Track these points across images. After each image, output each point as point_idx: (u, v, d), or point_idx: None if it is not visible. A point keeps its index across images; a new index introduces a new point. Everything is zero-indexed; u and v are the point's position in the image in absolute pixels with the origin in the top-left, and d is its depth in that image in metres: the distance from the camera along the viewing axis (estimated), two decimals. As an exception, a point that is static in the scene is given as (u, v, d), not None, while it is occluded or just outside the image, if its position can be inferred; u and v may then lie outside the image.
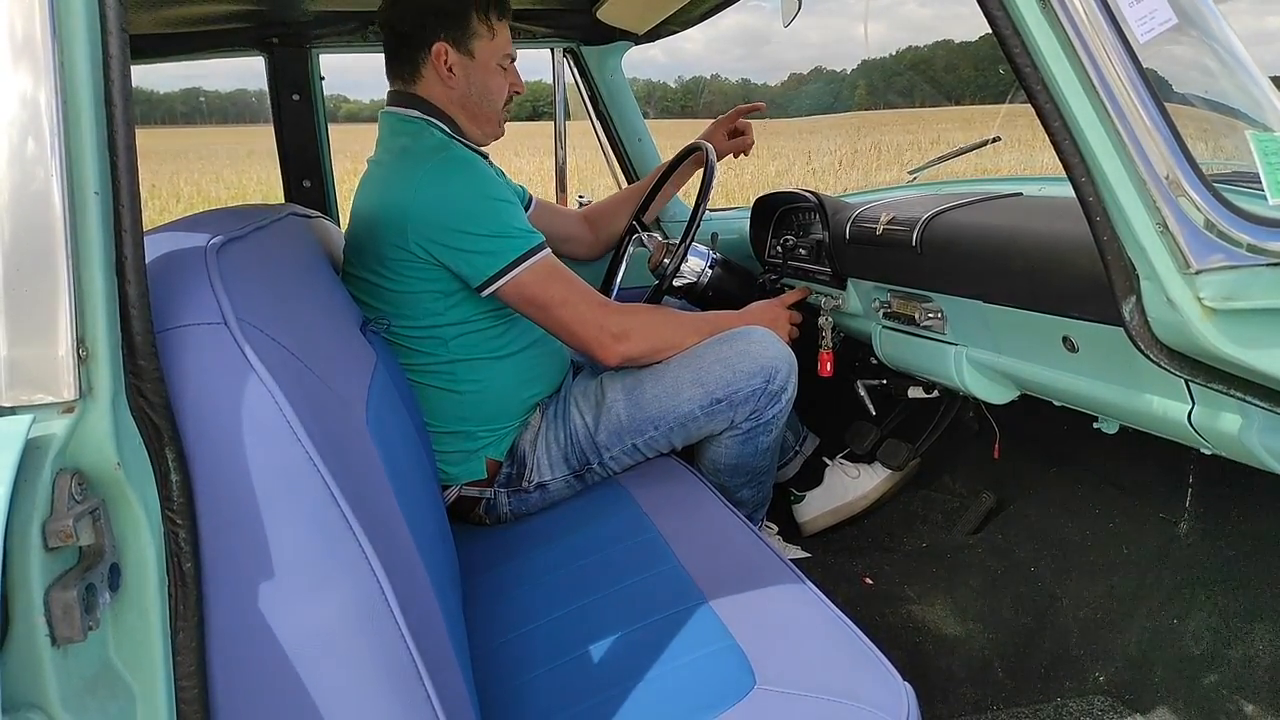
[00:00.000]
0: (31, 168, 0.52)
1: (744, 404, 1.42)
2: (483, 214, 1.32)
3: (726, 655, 0.93)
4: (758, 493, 1.60)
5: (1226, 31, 0.74)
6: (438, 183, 1.32)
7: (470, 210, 1.31)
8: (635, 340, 1.41)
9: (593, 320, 1.38)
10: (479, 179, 1.35)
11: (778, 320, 1.57)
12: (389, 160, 1.42)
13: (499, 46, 1.46)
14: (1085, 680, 1.40)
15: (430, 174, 1.32)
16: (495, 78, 1.47)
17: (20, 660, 0.47)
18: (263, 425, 0.63)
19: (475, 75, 1.45)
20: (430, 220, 1.30)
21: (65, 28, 0.53)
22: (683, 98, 47.84)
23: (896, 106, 21.51)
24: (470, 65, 1.45)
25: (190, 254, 0.73)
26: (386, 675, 0.64)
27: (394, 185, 1.35)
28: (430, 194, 1.31)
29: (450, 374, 1.41)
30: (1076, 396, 1.25)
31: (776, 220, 2.01)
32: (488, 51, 1.45)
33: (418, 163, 1.35)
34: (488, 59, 1.45)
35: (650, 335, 1.43)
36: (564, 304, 1.37)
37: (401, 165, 1.38)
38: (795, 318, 1.61)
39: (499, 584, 1.22)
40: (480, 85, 1.46)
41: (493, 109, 1.50)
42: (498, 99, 1.49)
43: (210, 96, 50.84)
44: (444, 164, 1.34)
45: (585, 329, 1.38)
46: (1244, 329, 0.75)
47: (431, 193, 1.31)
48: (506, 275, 1.33)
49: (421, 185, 1.31)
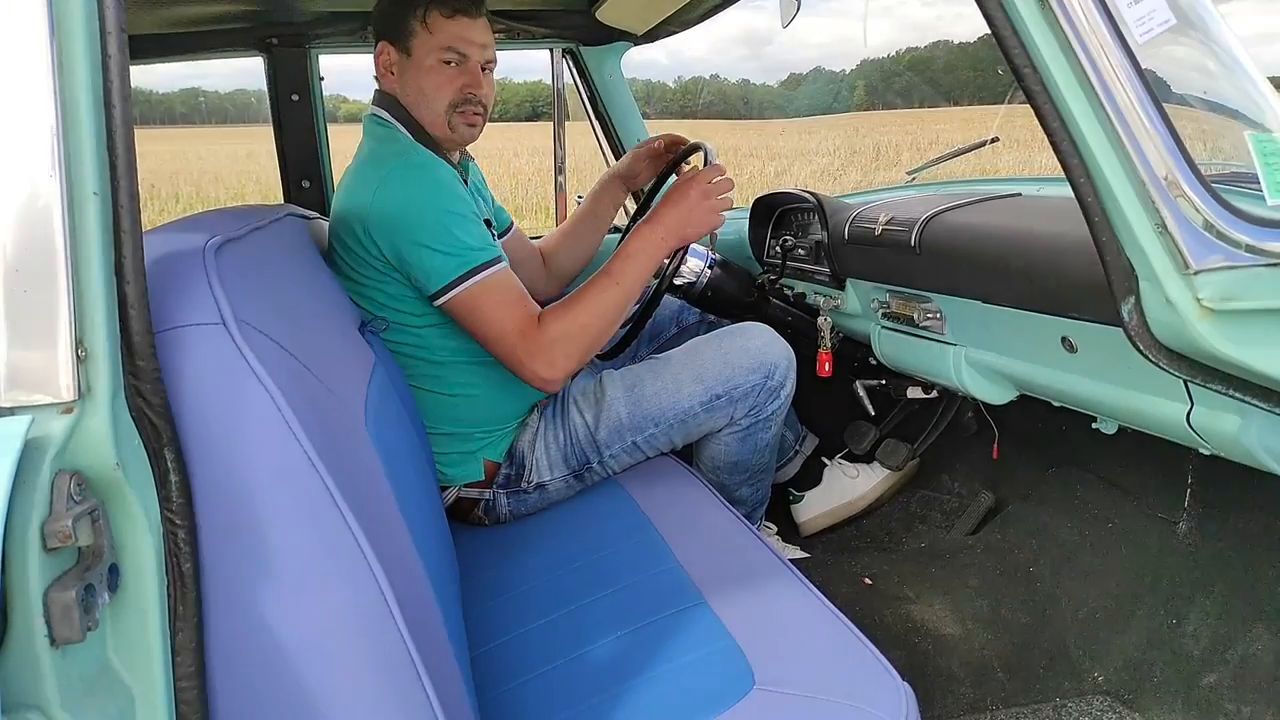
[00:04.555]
0: (30, 168, 0.52)
1: (743, 400, 1.43)
2: (433, 225, 1.28)
3: (725, 655, 0.93)
4: (756, 491, 1.60)
5: (1225, 32, 0.74)
6: (392, 189, 1.29)
7: (421, 220, 1.28)
8: (560, 365, 1.32)
9: (517, 352, 1.31)
10: (431, 189, 1.30)
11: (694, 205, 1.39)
12: (357, 163, 1.42)
13: (438, 41, 1.38)
14: (1084, 680, 1.40)
15: (386, 180, 1.30)
16: (432, 76, 1.39)
17: (19, 661, 0.47)
18: (261, 425, 0.63)
19: (410, 73, 1.40)
20: (386, 225, 1.29)
21: (64, 28, 0.53)
22: (682, 98, 47.86)
23: (895, 107, 21.53)
24: (407, 64, 1.40)
25: (189, 254, 0.73)
26: (385, 675, 0.64)
27: (356, 188, 1.34)
28: (385, 200, 1.29)
29: (440, 377, 1.41)
30: (1075, 397, 1.25)
31: (775, 220, 2.01)
32: (424, 48, 1.39)
33: (376, 168, 1.33)
34: (424, 56, 1.39)
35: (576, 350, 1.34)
36: (493, 337, 1.32)
37: (364, 168, 1.37)
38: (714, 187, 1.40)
39: (498, 584, 1.22)
40: (415, 83, 1.40)
41: (433, 110, 1.41)
42: (435, 98, 1.40)
43: (210, 97, 50.80)
44: (399, 170, 1.31)
45: (514, 365, 1.33)
46: (1243, 329, 0.75)
47: (386, 198, 1.29)
48: (450, 291, 1.29)
49: (377, 191, 1.29)
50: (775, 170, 11.60)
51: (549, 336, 1.32)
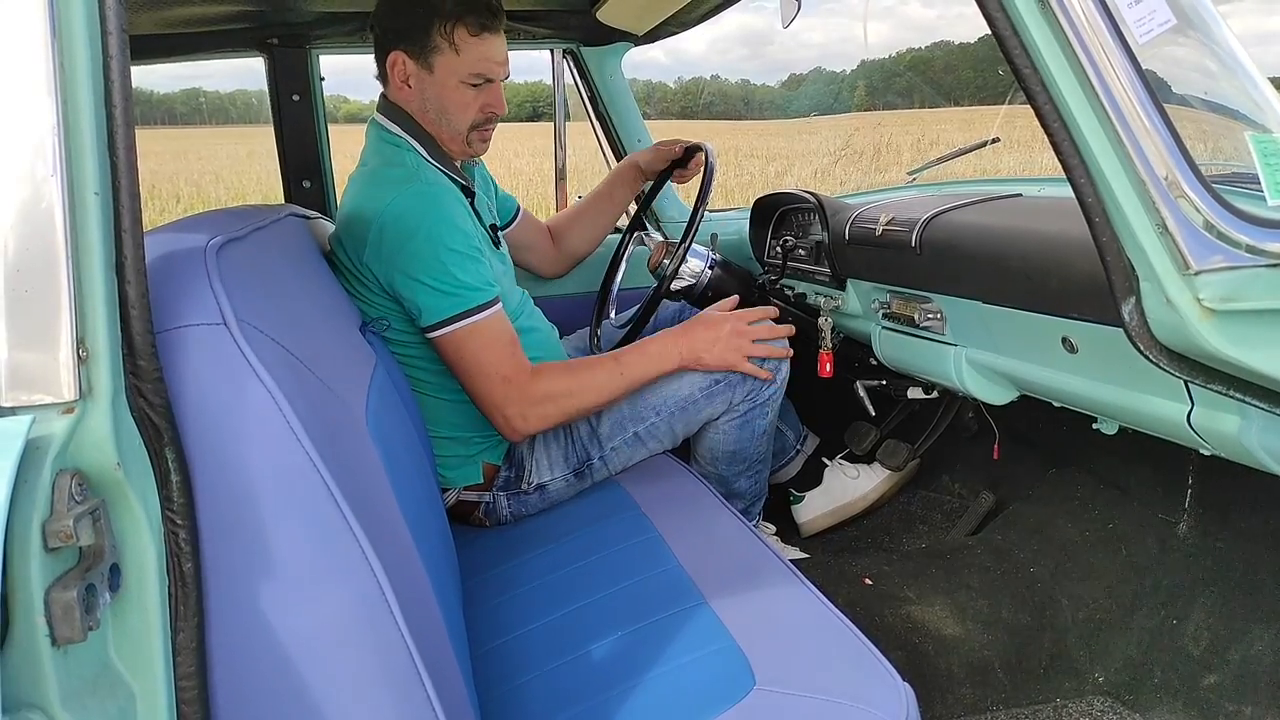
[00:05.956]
0: (31, 168, 0.52)
1: (741, 384, 1.45)
2: (430, 261, 1.27)
3: (726, 656, 0.93)
4: (754, 483, 1.61)
5: (1226, 33, 0.74)
6: (394, 219, 1.28)
7: (419, 256, 1.27)
8: (533, 422, 1.34)
9: (494, 396, 1.32)
10: (435, 223, 1.28)
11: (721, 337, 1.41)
12: (364, 174, 1.40)
13: (466, 64, 1.35)
14: (1084, 680, 1.40)
15: (389, 207, 1.28)
16: (456, 96, 1.38)
17: (20, 660, 0.47)
18: (262, 425, 0.63)
19: (431, 91, 1.38)
20: (385, 255, 1.28)
21: (65, 28, 0.53)
22: (682, 98, 47.86)
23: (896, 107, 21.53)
24: (428, 80, 1.37)
25: (190, 254, 0.73)
26: (386, 676, 0.64)
27: (363, 204, 1.32)
28: (386, 229, 1.28)
29: (440, 382, 1.41)
30: (1076, 397, 1.25)
31: (776, 221, 2.01)
32: (449, 68, 1.36)
33: (383, 190, 1.31)
34: (447, 76, 1.36)
35: (555, 415, 1.36)
36: (475, 375, 1.32)
37: (370, 186, 1.35)
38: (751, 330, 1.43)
39: (498, 585, 1.23)
40: (437, 102, 1.38)
41: (453, 129, 1.41)
42: (458, 119, 1.40)
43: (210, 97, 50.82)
44: (404, 200, 1.29)
45: (487, 407, 1.34)
46: (1243, 330, 0.75)
47: (387, 226, 1.28)
48: (441, 329, 1.30)
49: (383, 215, 1.28)
50: (776, 170, 11.61)
51: (539, 392, 1.33)
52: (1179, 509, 1.49)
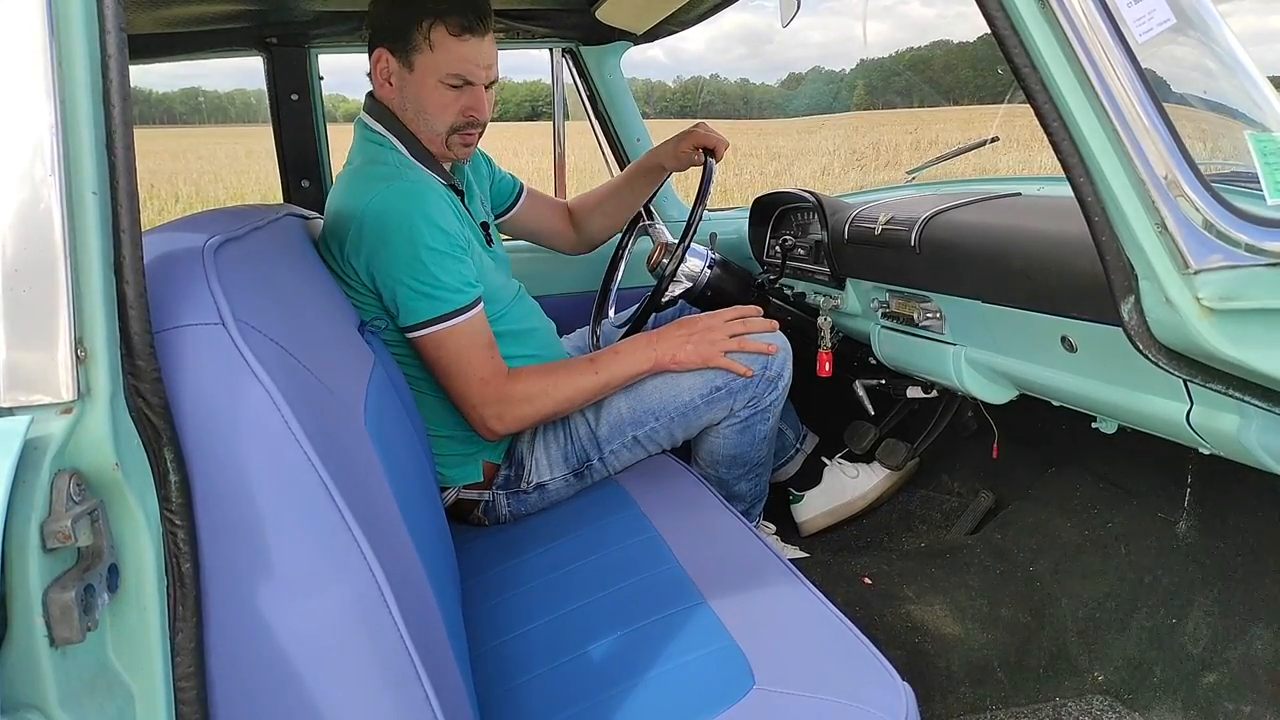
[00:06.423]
0: (29, 168, 0.52)
1: (743, 390, 1.43)
2: (410, 262, 1.27)
3: (725, 655, 0.93)
4: (755, 486, 1.60)
5: (1225, 32, 0.74)
6: (376, 217, 1.27)
7: (399, 256, 1.27)
8: (509, 423, 1.36)
9: (471, 397, 1.34)
10: (416, 222, 1.27)
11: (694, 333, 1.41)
12: (349, 172, 1.40)
13: (444, 64, 1.34)
14: (1084, 680, 1.40)
15: (370, 205, 1.28)
16: (434, 96, 1.36)
17: (19, 661, 0.47)
18: (261, 425, 0.63)
19: (410, 89, 1.37)
20: (366, 253, 1.28)
21: (63, 27, 0.52)
22: (681, 97, 47.85)
23: (895, 106, 21.53)
24: (408, 78, 1.36)
25: (188, 254, 0.73)
26: (385, 675, 0.64)
27: (346, 201, 1.32)
28: (367, 227, 1.27)
29: (437, 382, 1.41)
30: (1075, 396, 1.25)
31: (775, 220, 2.01)
32: (427, 67, 1.35)
33: (365, 187, 1.31)
34: (426, 75, 1.35)
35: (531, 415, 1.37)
36: (452, 376, 1.33)
37: (354, 184, 1.35)
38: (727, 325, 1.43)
39: (498, 584, 1.22)
40: (415, 101, 1.37)
41: (431, 130, 1.39)
42: (436, 119, 1.38)
43: (209, 96, 50.80)
44: (386, 197, 1.28)
45: (464, 407, 1.35)
46: (1242, 329, 0.75)
47: (369, 224, 1.27)
48: (420, 330, 1.31)
49: (364, 212, 1.28)
50: (775, 170, 11.62)
51: (515, 392, 1.35)
52: (1178, 508, 1.49)
